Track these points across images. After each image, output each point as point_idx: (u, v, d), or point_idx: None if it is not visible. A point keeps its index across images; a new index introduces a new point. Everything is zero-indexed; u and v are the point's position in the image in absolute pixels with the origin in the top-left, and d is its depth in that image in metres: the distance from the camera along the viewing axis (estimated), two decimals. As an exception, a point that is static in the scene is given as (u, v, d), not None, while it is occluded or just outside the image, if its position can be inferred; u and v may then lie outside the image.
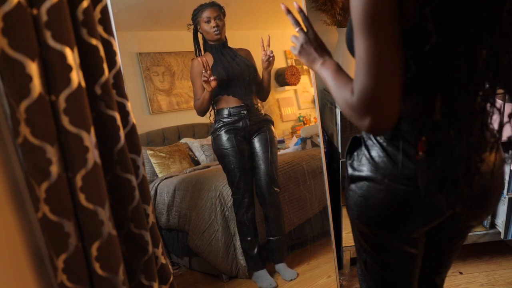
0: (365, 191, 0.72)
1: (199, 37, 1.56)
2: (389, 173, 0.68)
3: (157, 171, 1.66)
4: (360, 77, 0.58)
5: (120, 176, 0.89)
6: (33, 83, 0.67)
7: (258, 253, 1.66)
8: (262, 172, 1.65)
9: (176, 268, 1.68)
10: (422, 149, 0.63)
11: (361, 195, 0.73)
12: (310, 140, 1.82)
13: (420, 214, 0.70)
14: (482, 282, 1.77)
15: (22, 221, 0.80)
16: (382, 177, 0.68)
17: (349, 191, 0.77)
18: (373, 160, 0.70)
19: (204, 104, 1.55)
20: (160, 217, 1.66)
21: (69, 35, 0.72)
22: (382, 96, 0.58)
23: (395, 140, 0.68)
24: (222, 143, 1.60)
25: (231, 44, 1.58)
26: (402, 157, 0.67)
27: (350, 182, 0.76)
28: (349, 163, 0.77)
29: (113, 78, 0.89)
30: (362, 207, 0.73)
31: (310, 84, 1.83)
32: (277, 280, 1.67)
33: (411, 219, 0.71)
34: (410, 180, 0.66)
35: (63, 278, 0.76)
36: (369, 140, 0.73)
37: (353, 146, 0.77)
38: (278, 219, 1.70)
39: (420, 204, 0.68)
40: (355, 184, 0.74)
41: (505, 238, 1.82)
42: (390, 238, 0.76)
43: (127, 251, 0.95)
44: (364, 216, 0.74)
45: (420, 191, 0.65)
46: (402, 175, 0.67)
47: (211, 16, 1.51)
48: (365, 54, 0.57)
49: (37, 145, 0.69)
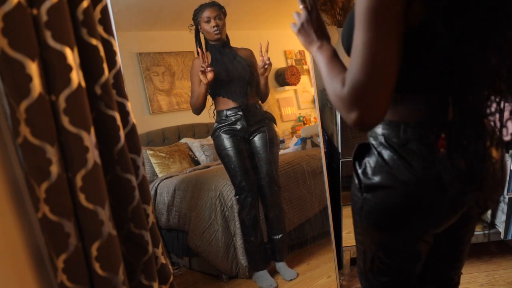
0: (383, 198, 0.71)
1: (201, 37, 1.56)
2: (407, 179, 0.67)
3: (157, 171, 1.66)
4: (353, 70, 0.58)
5: (120, 176, 0.89)
6: (33, 83, 0.67)
7: (260, 253, 1.66)
8: (262, 172, 1.65)
9: (176, 268, 1.68)
10: (443, 146, 0.63)
11: (379, 204, 0.71)
12: (310, 140, 1.82)
13: (441, 212, 0.71)
14: (482, 282, 1.77)
15: (22, 221, 0.80)
16: (401, 184, 0.68)
17: (363, 200, 0.74)
18: (389, 166, 0.69)
19: (200, 100, 1.55)
20: (160, 217, 1.66)
21: (69, 35, 0.72)
22: (373, 92, 0.57)
23: (409, 144, 0.67)
24: (221, 143, 1.61)
25: (232, 44, 1.58)
26: (419, 159, 0.66)
27: (364, 191, 0.74)
28: (360, 171, 0.74)
29: (113, 78, 0.89)
30: (380, 215, 0.72)
31: (310, 84, 1.83)
32: (277, 280, 1.67)
33: (431, 220, 0.71)
34: (427, 182, 0.66)
35: (63, 278, 0.76)
36: (380, 146, 0.71)
37: (361, 153, 0.76)
38: (280, 218, 1.70)
39: (441, 203, 0.68)
40: (370, 193, 0.72)
41: (505, 238, 1.82)
42: (407, 242, 0.76)
43: (127, 251, 0.95)
44: (382, 223, 0.73)
45: (438, 190, 0.65)
46: (419, 179, 0.66)
47: (211, 16, 1.51)
48: (363, 47, 0.56)
49: (37, 145, 0.69)
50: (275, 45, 1.58)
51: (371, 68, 0.56)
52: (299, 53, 1.84)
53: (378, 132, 0.72)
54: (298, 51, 1.84)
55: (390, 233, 0.74)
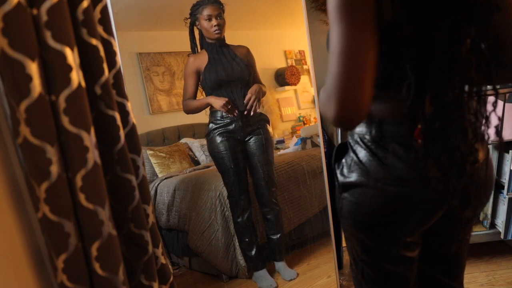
0: (358, 197, 0.70)
1: (195, 32, 1.53)
2: (381, 176, 0.66)
3: (157, 171, 1.66)
4: (331, 68, 0.57)
5: (120, 176, 0.89)
6: (33, 83, 0.67)
7: (257, 253, 1.66)
8: (259, 173, 1.64)
9: (176, 268, 1.68)
10: (420, 137, 0.62)
11: (355, 202, 0.71)
12: (310, 140, 1.82)
13: (417, 213, 0.70)
14: (482, 282, 1.77)
15: (22, 221, 0.80)
16: (374, 181, 0.67)
17: (342, 200, 0.74)
18: (362, 164, 0.69)
19: (196, 111, 1.55)
20: (160, 217, 1.67)
21: (69, 35, 0.72)
22: (352, 84, 0.56)
23: (382, 141, 0.67)
24: (215, 145, 1.59)
25: (231, 43, 1.58)
26: (391, 158, 0.66)
27: (342, 191, 0.74)
28: (338, 171, 0.74)
29: (113, 78, 0.89)
30: (357, 214, 0.72)
31: (310, 84, 1.83)
32: (277, 280, 1.67)
33: (409, 220, 0.70)
34: (402, 181, 0.66)
35: (63, 278, 0.76)
36: (356, 144, 0.71)
37: (340, 153, 0.75)
38: (278, 218, 1.70)
39: (416, 203, 0.67)
40: (347, 192, 0.72)
41: (505, 238, 1.82)
42: (389, 244, 0.74)
43: (127, 251, 0.95)
44: (361, 223, 0.73)
45: (414, 187, 0.65)
46: (394, 176, 0.66)
47: (213, 14, 1.48)
48: (337, 40, 0.56)
49: (37, 145, 0.69)
50: (275, 45, 1.59)
51: (347, 59, 0.55)
52: (299, 53, 1.84)
53: (354, 130, 0.72)
54: (298, 51, 1.84)
55: (368, 233, 0.74)
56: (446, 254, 0.86)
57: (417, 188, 0.66)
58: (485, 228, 1.89)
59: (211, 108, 1.58)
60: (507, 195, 1.75)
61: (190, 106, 1.54)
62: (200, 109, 1.55)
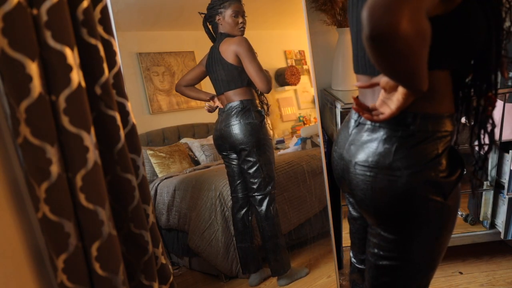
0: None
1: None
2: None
3: (157, 171, 1.66)
4: None
5: (120, 176, 0.89)
6: (33, 83, 0.67)
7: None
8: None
9: (176, 268, 1.68)
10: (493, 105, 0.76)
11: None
12: (310, 140, 1.81)
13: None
14: (482, 282, 1.77)
15: (22, 221, 0.80)
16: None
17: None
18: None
19: (184, 95, 1.58)
20: (160, 217, 1.66)
21: (69, 35, 0.72)
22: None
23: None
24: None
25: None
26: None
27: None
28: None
29: (113, 78, 0.89)
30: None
31: (310, 84, 1.83)
32: (276, 280, 1.67)
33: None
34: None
35: (63, 278, 0.76)
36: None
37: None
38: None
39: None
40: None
41: (505, 238, 1.82)
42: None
43: (127, 251, 0.95)
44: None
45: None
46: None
47: (239, 11, 1.48)
48: None
49: (37, 145, 0.69)
50: (275, 45, 1.58)
51: None
52: (299, 53, 1.84)
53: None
54: (298, 51, 1.84)
55: None
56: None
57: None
58: (485, 228, 1.89)
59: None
60: (507, 195, 1.74)
61: (180, 89, 1.57)
62: (188, 97, 1.59)
